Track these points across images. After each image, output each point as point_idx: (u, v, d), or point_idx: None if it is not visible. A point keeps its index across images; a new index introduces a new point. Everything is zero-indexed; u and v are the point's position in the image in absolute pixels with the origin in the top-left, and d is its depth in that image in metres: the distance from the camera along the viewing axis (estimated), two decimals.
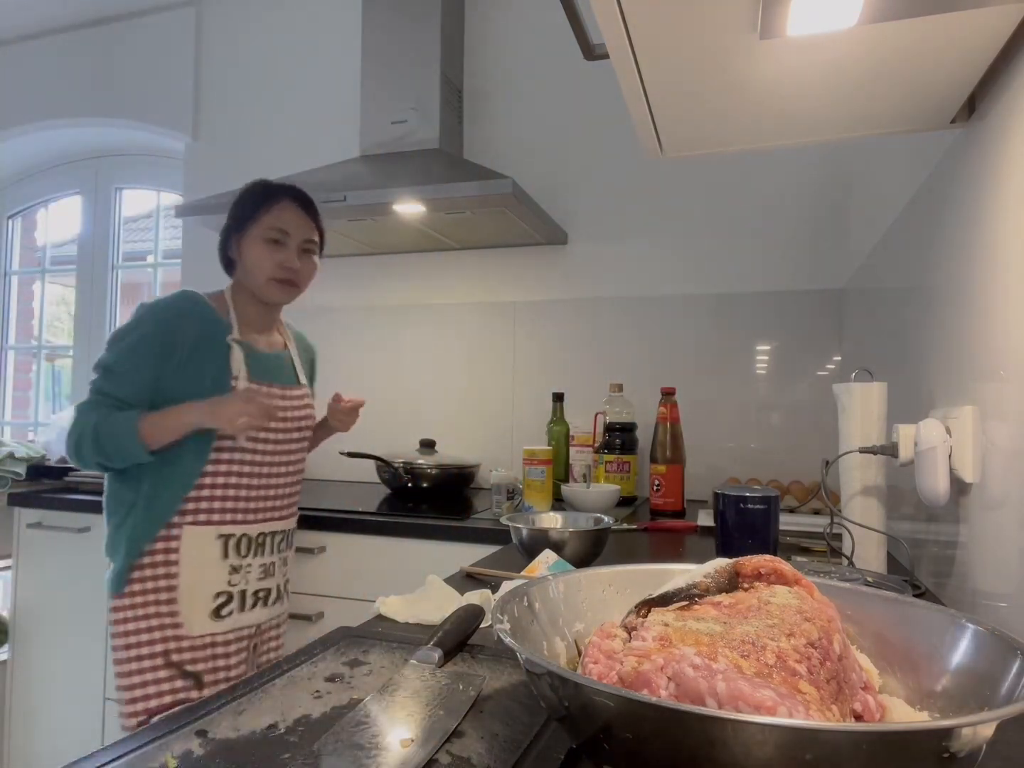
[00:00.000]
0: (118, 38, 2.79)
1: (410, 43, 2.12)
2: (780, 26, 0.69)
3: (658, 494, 1.69)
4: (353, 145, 2.26)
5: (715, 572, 0.52)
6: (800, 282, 1.97)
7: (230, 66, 2.62)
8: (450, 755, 0.50)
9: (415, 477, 1.96)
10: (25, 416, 3.18)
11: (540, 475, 1.65)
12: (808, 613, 0.45)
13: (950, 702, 0.46)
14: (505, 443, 2.22)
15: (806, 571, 0.80)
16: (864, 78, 0.81)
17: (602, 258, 2.16)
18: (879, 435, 1.03)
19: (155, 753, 0.50)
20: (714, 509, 1.06)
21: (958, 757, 0.34)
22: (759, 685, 0.38)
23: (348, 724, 0.52)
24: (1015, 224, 0.72)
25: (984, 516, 0.80)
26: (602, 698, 0.38)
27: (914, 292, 1.14)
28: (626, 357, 2.11)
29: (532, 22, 2.24)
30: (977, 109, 0.86)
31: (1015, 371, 0.72)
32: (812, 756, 0.33)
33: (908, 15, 0.66)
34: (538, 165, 2.21)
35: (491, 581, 1.01)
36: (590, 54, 0.88)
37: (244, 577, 1.30)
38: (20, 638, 2.02)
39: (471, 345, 2.29)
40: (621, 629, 0.50)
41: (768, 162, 1.99)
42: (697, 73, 0.80)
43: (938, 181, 1.01)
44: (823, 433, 1.88)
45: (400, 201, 1.78)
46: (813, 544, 1.27)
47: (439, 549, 1.58)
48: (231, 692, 0.61)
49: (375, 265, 2.40)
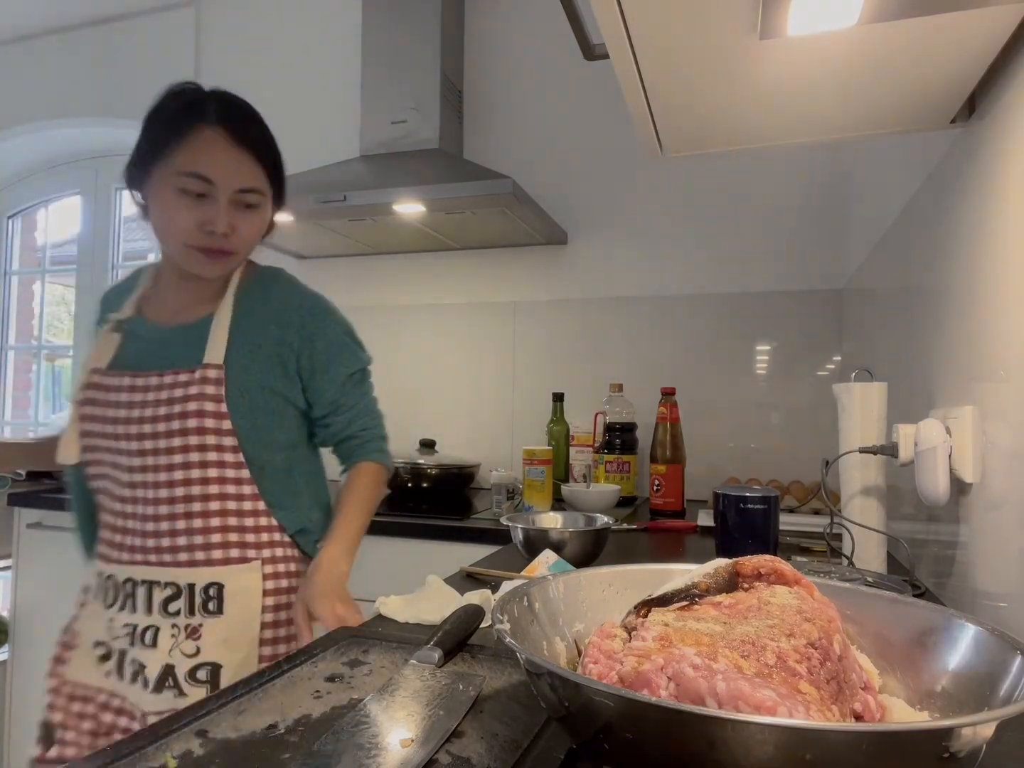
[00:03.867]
0: (118, 38, 2.78)
1: (410, 43, 2.12)
2: (780, 26, 0.69)
3: (658, 494, 1.69)
4: (353, 145, 2.26)
5: (715, 572, 0.52)
6: (800, 282, 1.97)
7: (230, 66, 2.62)
8: (450, 755, 0.50)
9: (415, 477, 1.96)
10: (25, 416, 3.18)
11: (540, 475, 1.65)
12: (808, 613, 0.45)
13: (950, 702, 0.46)
14: (505, 443, 2.22)
15: (806, 571, 0.80)
16: (864, 78, 0.81)
17: (602, 258, 2.16)
18: (879, 435, 1.03)
19: (155, 753, 0.50)
20: (714, 509, 1.06)
21: (958, 757, 0.34)
22: (759, 685, 0.38)
23: (348, 724, 0.52)
24: (1015, 224, 0.72)
25: (984, 516, 0.80)
26: (602, 698, 0.38)
27: (914, 292, 1.14)
28: (626, 357, 2.11)
29: (532, 22, 2.24)
30: (977, 109, 0.86)
31: (1015, 371, 0.72)
32: (812, 756, 0.33)
33: (908, 15, 0.66)
34: (538, 165, 2.21)
35: (491, 581, 1.01)
36: (590, 54, 0.88)
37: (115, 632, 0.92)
38: (20, 638, 2.02)
39: (471, 345, 2.29)
40: (621, 629, 0.50)
41: (768, 162, 1.99)
42: (697, 73, 0.80)
43: (938, 181, 1.01)
44: (823, 433, 1.87)
45: (400, 201, 1.78)
46: (813, 544, 1.27)
47: (439, 549, 1.58)
48: (231, 692, 0.60)
49: (375, 265, 2.40)
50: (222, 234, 0.92)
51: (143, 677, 0.88)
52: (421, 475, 1.96)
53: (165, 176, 0.90)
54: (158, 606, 0.90)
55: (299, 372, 1.00)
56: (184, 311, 0.98)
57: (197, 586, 0.91)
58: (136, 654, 0.90)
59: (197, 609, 0.90)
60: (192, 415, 0.91)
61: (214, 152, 0.90)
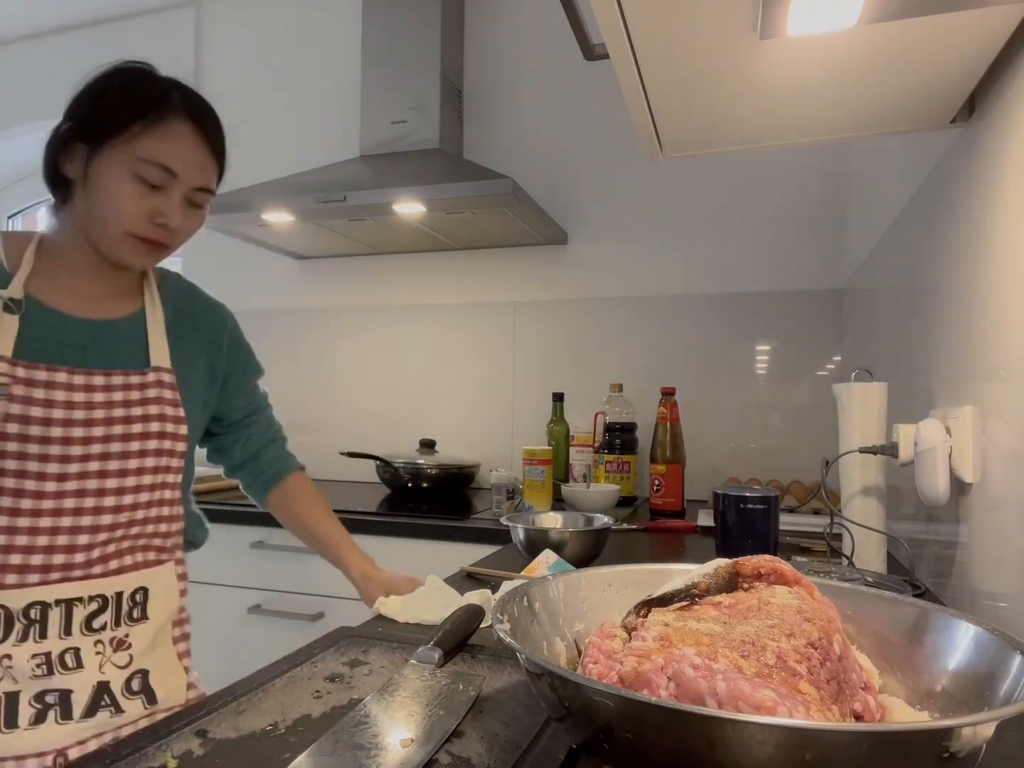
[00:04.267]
0: (118, 38, 2.78)
1: (410, 43, 2.12)
2: (780, 26, 0.69)
3: (658, 494, 1.69)
4: (353, 145, 2.26)
5: (715, 572, 0.52)
6: (800, 282, 1.97)
7: (230, 66, 2.62)
8: (450, 755, 0.50)
9: (415, 477, 1.96)
10: None
11: (540, 475, 1.65)
12: (808, 613, 0.45)
13: (950, 702, 0.46)
14: (505, 443, 2.22)
15: (806, 571, 0.80)
16: (864, 78, 0.81)
17: (602, 258, 2.16)
18: (879, 435, 1.03)
19: (155, 753, 0.50)
20: (714, 509, 1.06)
21: (958, 757, 0.34)
22: (759, 685, 0.38)
23: (348, 724, 0.52)
24: (1015, 224, 0.72)
25: (984, 516, 0.80)
26: (602, 698, 0.38)
27: (914, 292, 1.14)
28: (626, 357, 2.11)
29: (532, 22, 2.24)
30: (977, 109, 0.86)
31: (1015, 371, 0.72)
32: (812, 756, 0.33)
33: (908, 15, 0.66)
34: (538, 165, 2.21)
35: (491, 581, 1.01)
36: (590, 54, 0.88)
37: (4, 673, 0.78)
38: None
39: (471, 345, 2.29)
40: (621, 629, 0.50)
41: (768, 162, 1.99)
42: (697, 73, 0.80)
43: (938, 181, 1.01)
44: (823, 433, 1.87)
45: (400, 201, 1.78)
46: (813, 544, 1.27)
47: (439, 549, 1.58)
48: (231, 692, 0.61)
49: (375, 265, 2.40)
50: (171, 229, 0.87)
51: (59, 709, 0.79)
52: (421, 475, 1.96)
53: (121, 157, 0.82)
54: (79, 625, 0.81)
55: (225, 377, 1.03)
56: (103, 302, 0.91)
57: (124, 594, 0.86)
58: (53, 683, 0.79)
59: (123, 619, 0.85)
60: (154, 419, 0.87)
61: (182, 145, 0.85)
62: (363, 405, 2.39)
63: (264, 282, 2.53)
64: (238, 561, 1.75)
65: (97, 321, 0.89)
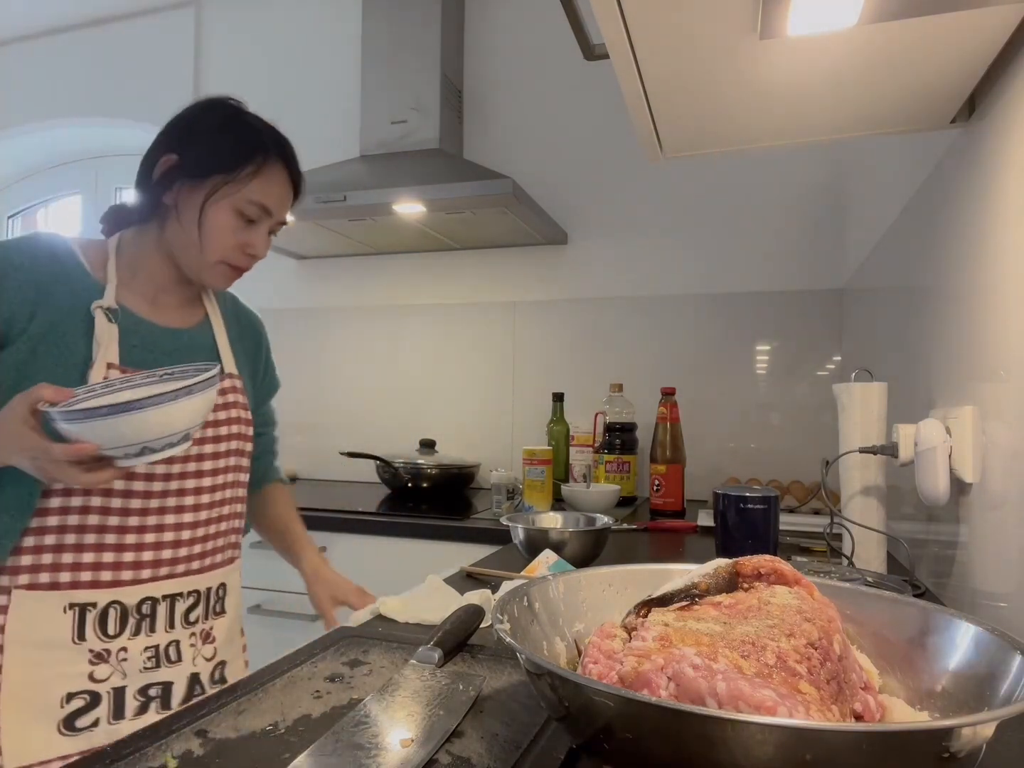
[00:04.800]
0: (118, 38, 2.78)
1: (410, 43, 2.12)
2: (780, 26, 0.69)
3: (658, 494, 1.69)
4: (353, 145, 2.26)
5: (715, 572, 0.52)
6: (800, 282, 1.97)
7: (230, 66, 2.62)
8: (450, 755, 0.50)
9: (415, 477, 1.96)
10: None
11: (540, 475, 1.65)
12: (808, 613, 0.45)
13: (950, 702, 0.46)
14: (505, 443, 2.22)
15: (806, 571, 0.80)
16: (864, 78, 0.81)
17: (602, 258, 2.16)
18: (879, 435, 1.03)
19: (155, 753, 0.50)
20: (714, 509, 1.06)
21: (958, 757, 0.34)
22: (759, 685, 0.38)
23: (348, 724, 0.52)
24: (1015, 223, 0.72)
25: (984, 516, 0.80)
26: (602, 698, 0.38)
27: (914, 292, 1.14)
28: (626, 357, 2.11)
29: (532, 22, 2.24)
30: (977, 109, 0.86)
31: (1015, 371, 0.72)
32: (812, 756, 0.33)
33: (908, 15, 0.66)
34: (538, 165, 2.21)
35: (491, 581, 1.01)
36: (590, 54, 0.88)
37: (117, 667, 0.84)
38: None
39: (471, 345, 2.29)
40: (621, 629, 0.50)
41: (768, 162, 1.99)
42: (697, 73, 0.80)
43: (938, 181, 1.01)
44: (823, 433, 1.88)
45: (400, 201, 1.78)
46: (813, 544, 1.27)
47: (439, 549, 1.58)
48: (231, 692, 0.61)
49: (375, 265, 2.40)
50: (257, 259, 0.96)
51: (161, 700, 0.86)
52: (421, 475, 1.96)
53: (230, 196, 0.90)
54: (180, 619, 0.90)
55: (256, 386, 1.09)
56: (176, 311, 0.98)
57: (212, 589, 0.94)
58: (159, 676, 0.87)
59: (210, 613, 0.94)
60: (234, 422, 0.96)
61: (279, 187, 0.94)
62: (363, 405, 2.39)
63: (264, 282, 2.52)
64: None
65: (175, 329, 0.96)
